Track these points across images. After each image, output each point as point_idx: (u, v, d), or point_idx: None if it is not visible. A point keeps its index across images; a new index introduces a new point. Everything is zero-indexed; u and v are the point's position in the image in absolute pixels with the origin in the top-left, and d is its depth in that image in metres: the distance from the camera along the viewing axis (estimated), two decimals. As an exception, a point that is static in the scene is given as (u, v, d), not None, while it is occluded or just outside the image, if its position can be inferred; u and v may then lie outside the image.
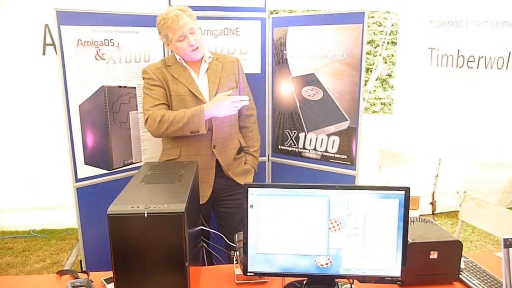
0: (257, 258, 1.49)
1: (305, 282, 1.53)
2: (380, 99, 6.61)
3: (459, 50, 3.86)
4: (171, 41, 2.13)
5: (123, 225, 1.26)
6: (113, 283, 1.33)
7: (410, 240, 1.50)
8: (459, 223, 2.51)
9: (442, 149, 3.84)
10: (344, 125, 2.57)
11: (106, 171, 2.49)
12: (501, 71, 3.81)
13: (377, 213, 1.43)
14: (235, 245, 1.70)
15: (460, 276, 1.60)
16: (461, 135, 4.02)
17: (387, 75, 6.36)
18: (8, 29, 3.40)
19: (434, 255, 1.54)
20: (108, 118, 2.43)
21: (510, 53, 3.77)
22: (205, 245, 1.97)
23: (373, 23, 6.37)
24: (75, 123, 2.34)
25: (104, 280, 1.58)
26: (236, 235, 1.70)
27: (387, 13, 5.14)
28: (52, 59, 3.22)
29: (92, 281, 1.55)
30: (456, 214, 4.14)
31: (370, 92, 5.91)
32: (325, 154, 2.67)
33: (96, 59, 2.36)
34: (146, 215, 1.25)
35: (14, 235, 3.77)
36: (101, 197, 2.39)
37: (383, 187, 1.44)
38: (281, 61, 2.70)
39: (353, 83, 2.49)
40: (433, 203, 3.46)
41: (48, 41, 3.46)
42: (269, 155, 2.88)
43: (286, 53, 2.67)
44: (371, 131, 3.65)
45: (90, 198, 2.44)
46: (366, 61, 2.50)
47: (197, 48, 2.13)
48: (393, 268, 1.46)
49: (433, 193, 3.44)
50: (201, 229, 1.88)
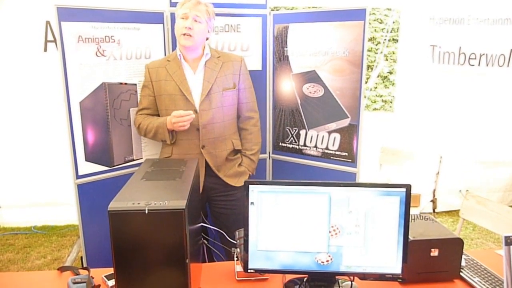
0: (257, 255, 1.49)
1: (305, 279, 1.53)
2: (381, 96, 6.59)
3: (460, 48, 3.85)
4: (177, 16, 2.16)
5: (123, 221, 1.26)
6: (113, 280, 1.34)
7: (411, 237, 1.50)
8: (460, 220, 2.51)
9: (443, 146, 3.84)
10: (345, 122, 2.56)
11: (107, 168, 2.48)
12: (502, 68, 3.80)
13: (378, 210, 1.43)
14: (235, 242, 1.70)
15: (461, 273, 1.60)
16: (462, 133, 4.02)
17: (388, 72, 6.34)
18: (9, 26, 3.40)
19: (435, 252, 1.54)
20: (109, 114, 2.42)
21: (511, 50, 3.76)
22: (206, 242, 1.97)
23: (374, 20, 6.35)
24: (76, 119, 2.34)
25: (105, 276, 1.58)
26: (237, 232, 1.70)
27: (389, 10, 5.13)
28: (54, 56, 3.21)
29: (93, 278, 1.55)
30: (458, 212, 4.16)
31: (371, 90, 5.89)
32: (326, 151, 2.67)
33: (97, 55, 2.36)
34: (147, 211, 1.25)
35: (15, 232, 3.78)
36: (102, 193, 2.39)
37: (384, 184, 1.44)
38: (282, 58, 2.70)
39: (354, 80, 2.48)
40: (434, 201, 3.46)
41: (50, 37, 3.46)
42: (269, 152, 2.88)
43: (287, 50, 2.67)
44: (372, 129, 3.64)
45: (91, 195, 2.44)
46: (367, 59, 2.49)
47: (189, 36, 2.11)
48: (393, 265, 1.46)
49: (434, 191, 3.44)
50: (201, 226, 1.88)
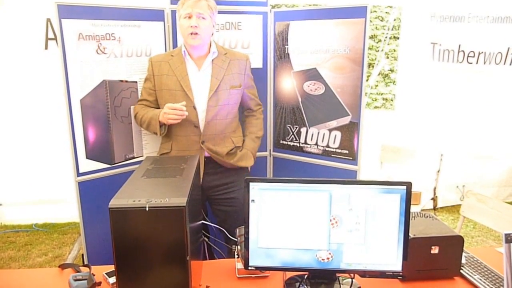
0: (258, 252, 1.49)
1: (306, 276, 1.54)
2: (382, 94, 6.59)
3: (460, 45, 3.85)
4: (179, 17, 2.15)
5: (124, 219, 1.26)
6: (114, 277, 1.34)
7: (411, 235, 1.50)
8: (461, 218, 2.51)
9: (442, 144, 3.84)
10: (346, 120, 2.56)
11: (107, 166, 2.49)
12: (499, 66, 3.81)
13: (379, 208, 1.43)
14: (236, 239, 1.70)
15: (461, 271, 1.60)
16: (460, 130, 4.03)
17: (389, 70, 6.33)
18: (10, 24, 3.40)
19: (435, 250, 1.54)
20: (109, 112, 2.43)
21: (509, 48, 3.77)
22: (206, 239, 1.98)
23: (375, 17, 6.34)
24: (76, 117, 2.34)
25: (106, 273, 1.58)
26: (238, 230, 1.70)
27: (390, 7, 5.12)
28: (54, 54, 3.21)
29: (94, 275, 1.55)
30: (456, 208, 4.19)
31: (372, 87, 5.88)
32: (327, 149, 2.67)
33: (98, 53, 2.36)
34: (147, 209, 1.25)
35: (16, 229, 3.78)
36: (102, 191, 2.39)
37: (384, 182, 1.43)
38: (283, 55, 2.69)
39: (355, 78, 2.48)
40: (434, 199, 3.47)
41: (50, 35, 3.46)
42: (270, 150, 2.88)
43: (288, 48, 2.66)
44: (372, 126, 3.64)
45: (92, 192, 2.44)
46: (368, 56, 2.49)
47: (196, 34, 2.11)
48: (394, 262, 1.46)
49: (434, 189, 3.44)
50: (202, 223, 1.88)
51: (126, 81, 2.47)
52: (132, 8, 2.44)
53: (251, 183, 1.45)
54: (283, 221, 1.47)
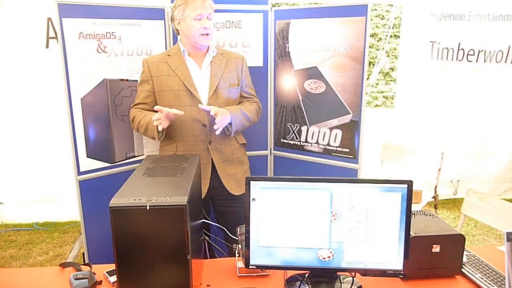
0: (259, 251, 1.49)
1: (307, 275, 1.53)
2: (383, 92, 6.59)
3: (459, 44, 3.85)
4: (186, 17, 2.11)
5: (125, 217, 1.26)
6: (115, 276, 1.34)
7: (412, 233, 1.50)
8: (462, 217, 2.51)
9: (442, 141, 3.84)
10: (346, 119, 2.56)
11: (108, 164, 2.49)
12: (499, 64, 3.81)
13: (380, 206, 1.43)
14: (237, 238, 1.70)
15: (463, 269, 1.60)
16: (460, 127, 4.04)
17: (389, 68, 6.33)
18: (11, 23, 3.40)
19: (436, 248, 1.54)
20: (110, 111, 2.43)
21: (510, 47, 3.76)
22: (207, 238, 1.97)
23: (376, 16, 6.34)
24: (77, 116, 2.34)
25: (107, 272, 1.58)
26: (238, 228, 1.70)
27: (390, 6, 5.11)
28: (55, 52, 3.20)
29: (95, 274, 1.55)
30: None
31: (372, 86, 5.89)
32: (328, 147, 2.66)
33: (98, 52, 2.36)
34: (148, 207, 1.25)
35: (17, 228, 3.79)
36: (103, 190, 2.39)
37: (385, 180, 1.43)
38: (283, 54, 2.69)
39: (356, 77, 2.48)
40: (435, 197, 3.46)
41: (51, 34, 3.46)
42: (271, 149, 2.87)
43: (288, 46, 2.66)
44: (373, 125, 3.64)
45: (93, 191, 2.44)
46: (369, 55, 2.49)
47: (207, 35, 2.13)
48: (395, 261, 1.46)
49: (435, 187, 3.44)
50: (203, 222, 1.88)
51: (127, 80, 2.47)
52: (132, 7, 2.44)
53: (251, 182, 1.45)
54: (284, 220, 1.46)
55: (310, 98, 2.65)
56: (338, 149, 2.63)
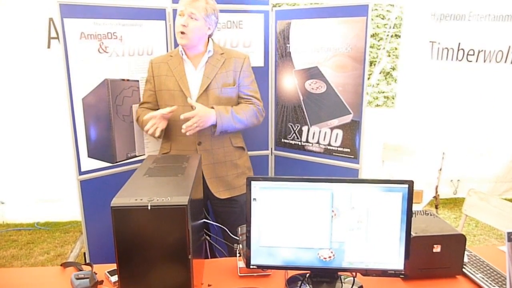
0: (260, 251, 1.49)
1: (308, 275, 1.53)
2: (383, 92, 6.58)
3: (459, 44, 3.85)
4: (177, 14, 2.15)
5: (126, 217, 1.26)
6: (116, 275, 1.34)
7: (413, 233, 1.50)
8: (463, 217, 2.51)
9: (443, 141, 3.84)
10: (347, 119, 2.56)
11: (109, 164, 2.49)
12: (499, 64, 3.82)
13: (380, 206, 1.43)
14: (238, 238, 1.71)
15: (464, 269, 1.60)
16: (461, 127, 4.04)
17: (390, 68, 6.33)
18: (13, 23, 3.41)
19: (437, 248, 1.54)
20: (111, 111, 2.43)
21: (510, 47, 3.76)
22: (208, 238, 1.98)
23: (377, 16, 6.33)
24: (78, 116, 2.34)
25: (108, 272, 1.59)
26: (239, 228, 1.70)
27: (391, 6, 5.11)
28: (57, 53, 3.21)
29: (96, 273, 1.55)
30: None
31: (373, 86, 5.88)
32: (328, 147, 2.66)
33: (99, 52, 2.36)
34: (149, 207, 1.25)
35: (19, 228, 3.79)
36: (104, 190, 2.39)
37: (386, 180, 1.43)
38: (284, 54, 2.69)
39: (356, 76, 2.48)
40: (436, 197, 3.46)
41: (53, 34, 3.46)
42: (272, 149, 2.88)
43: (289, 46, 2.66)
44: (374, 125, 3.64)
45: (94, 191, 2.44)
46: (370, 55, 2.49)
47: (183, 33, 2.09)
48: (396, 261, 1.46)
49: (436, 187, 3.43)
50: (204, 222, 1.88)
51: (128, 80, 2.47)
52: (133, 7, 2.44)
53: (252, 182, 1.45)
54: (284, 220, 1.47)
55: (311, 98, 2.66)
56: (339, 149, 2.63)
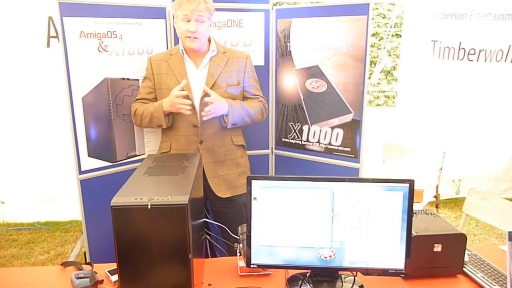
0: (260, 250, 1.49)
1: (308, 274, 1.53)
2: (384, 92, 6.58)
3: (460, 43, 3.85)
4: (177, 17, 2.11)
5: (126, 217, 1.26)
6: (117, 275, 1.34)
7: (414, 232, 1.50)
8: (463, 216, 2.50)
9: (444, 140, 3.84)
10: (348, 118, 2.56)
11: (109, 163, 2.49)
12: (499, 63, 3.81)
13: (381, 205, 1.43)
14: (238, 237, 1.70)
15: (464, 269, 1.60)
16: (462, 126, 4.03)
17: (391, 67, 6.32)
18: (12, 22, 3.40)
19: (438, 248, 1.54)
20: (111, 110, 2.43)
21: (510, 46, 3.76)
22: (208, 237, 1.98)
23: (377, 15, 6.33)
24: (78, 115, 2.34)
25: (108, 271, 1.59)
26: (240, 228, 1.70)
27: (392, 5, 5.11)
28: (56, 51, 3.21)
29: (96, 273, 1.55)
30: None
31: (374, 85, 5.88)
32: (329, 146, 2.66)
33: (99, 51, 2.36)
34: (149, 207, 1.25)
35: (19, 227, 3.79)
36: (104, 189, 2.39)
37: (387, 179, 1.43)
38: (285, 53, 2.69)
39: (357, 76, 2.47)
40: (437, 197, 3.46)
41: (52, 33, 3.46)
42: (272, 148, 2.87)
43: (290, 45, 2.66)
44: (375, 124, 3.64)
45: (94, 190, 2.44)
46: (370, 54, 2.48)
47: (194, 38, 2.09)
48: (396, 260, 1.45)
49: (437, 186, 3.44)
50: (204, 221, 1.88)
51: (128, 79, 2.47)
52: (133, 6, 2.43)
53: (253, 181, 1.45)
54: (285, 219, 1.46)
55: (312, 97, 2.65)
56: (339, 148, 2.62)
